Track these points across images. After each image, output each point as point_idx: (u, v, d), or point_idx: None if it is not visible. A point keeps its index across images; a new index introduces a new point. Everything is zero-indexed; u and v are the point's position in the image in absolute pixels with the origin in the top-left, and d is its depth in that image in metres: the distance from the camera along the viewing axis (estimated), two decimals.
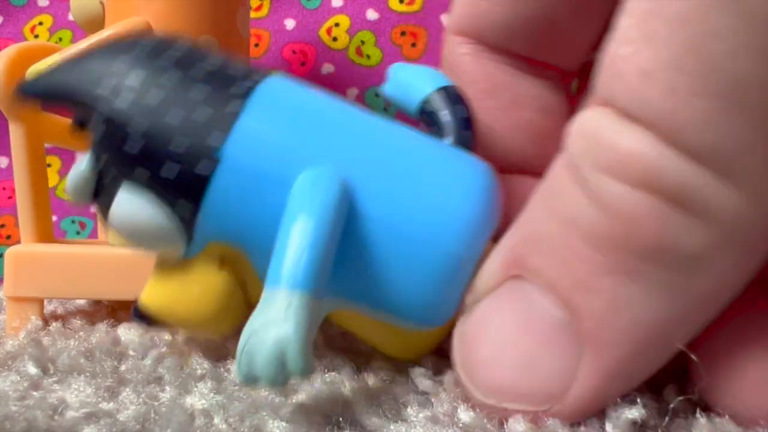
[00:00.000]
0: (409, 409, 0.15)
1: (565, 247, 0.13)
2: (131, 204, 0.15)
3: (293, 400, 0.15)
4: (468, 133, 0.18)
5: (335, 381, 0.16)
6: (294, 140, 0.15)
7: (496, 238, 0.16)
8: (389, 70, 0.20)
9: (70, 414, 0.14)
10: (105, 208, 0.16)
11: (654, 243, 0.12)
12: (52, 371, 0.17)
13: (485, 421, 0.14)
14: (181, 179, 0.15)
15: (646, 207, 0.12)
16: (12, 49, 0.24)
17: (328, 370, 0.17)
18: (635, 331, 0.13)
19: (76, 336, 0.21)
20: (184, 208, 0.15)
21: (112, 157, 0.16)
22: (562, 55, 0.20)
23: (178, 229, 0.16)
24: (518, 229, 0.15)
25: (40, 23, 0.39)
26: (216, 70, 0.16)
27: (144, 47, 0.16)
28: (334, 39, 0.38)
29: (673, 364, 0.14)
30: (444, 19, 0.37)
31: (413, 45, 0.37)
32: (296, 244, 0.14)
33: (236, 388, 0.16)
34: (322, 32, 0.38)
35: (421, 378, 0.16)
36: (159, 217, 0.15)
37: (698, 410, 0.14)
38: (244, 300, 0.17)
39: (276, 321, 0.13)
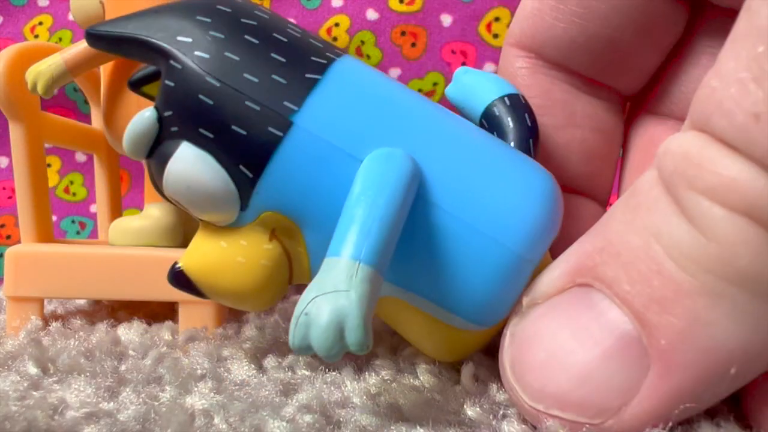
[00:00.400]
0: (411, 408, 0.15)
1: (647, 262, 0.13)
2: (190, 164, 0.15)
3: (293, 400, 0.15)
4: (531, 143, 0.18)
5: (335, 381, 0.16)
6: (368, 118, 0.15)
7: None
8: (455, 73, 0.20)
9: (70, 414, 0.14)
10: (160, 166, 0.16)
11: (748, 270, 0.12)
12: (52, 371, 0.17)
13: (491, 417, 0.14)
14: (248, 143, 0.15)
15: (746, 234, 0.12)
16: (12, 49, 0.24)
17: (329, 370, 0.17)
18: (708, 357, 0.12)
19: (76, 336, 0.21)
20: (246, 174, 0.15)
21: (179, 112, 0.15)
22: (621, 77, 0.19)
23: (236, 195, 0.15)
24: (592, 237, 0.14)
25: (40, 23, 0.39)
26: (296, 40, 0.16)
27: (226, 9, 0.16)
28: (334, 39, 0.38)
29: None
30: (444, 19, 0.37)
31: (413, 45, 0.37)
32: (365, 216, 0.13)
33: (236, 388, 0.16)
34: (322, 32, 0.38)
35: (428, 375, 0.16)
36: (217, 181, 0.15)
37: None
38: (287, 276, 0.16)
39: (337, 290, 0.13)
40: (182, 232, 0.26)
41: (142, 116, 0.16)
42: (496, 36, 0.36)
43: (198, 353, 0.19)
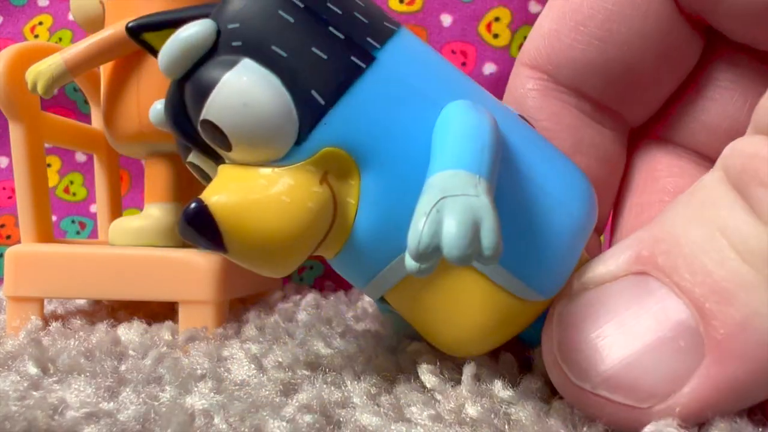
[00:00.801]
0: (412, 408, 0.15)
1: (710, 254, 0.13)
2: (249, 82, 0.14)
3: (293, 400, 0.15)
4: None
5: (336, 381, 0.16)
6: (444, 75, 0.15)
7: None
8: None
9: (70, 414, 0.14)
10: (206, 85, 0.14)
11: None
12: (52, 371, 0.17)
13: (492, 416, 0.14)
14: (327, 68, 0.14)
15: None
16: (12, 49, 0.24)
17: (329, 370, 0.17)
18: (765, 350, 0.12)
19: (76, 336, 0.21)
20: (318, 101, 0.14)
21: (251, 25, 0.14)
22: (632, 105, 0.19)
23: (296, 124, 0.14)
24: (652, 229, 0.14)
25: (40, 23, 0.39)
26: (366, 5, 0.15)
27: None
28: None
29: None
30: (445, 19, 0.37)
31: None
32: (474, 138, 0.13)
33: (236, 388, 0.16)
34: None
35: (429, 375, 0.16)
36: (280, 105, 0.14)
37: None
38: (328, 228, 0.15)
39: (468, 193, 0.12)
40: None
41: (196, 25, 0.14)
42: (496, 36, 0.36)
43: (198, 353, 0.19)
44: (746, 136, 0.13)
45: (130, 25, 0.16)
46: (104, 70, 0.26)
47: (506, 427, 0.14)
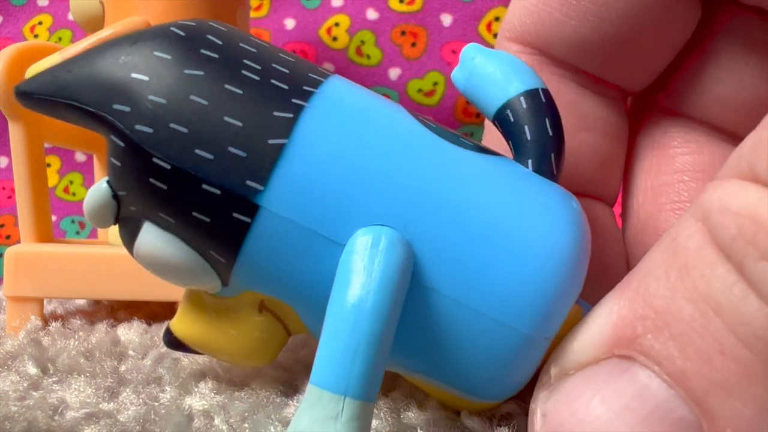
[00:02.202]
0: (409, 413, 0.15)
1: (706, 338, 0.11)
2: (158, 245, 0.13)
3: (294, 400, 0.15)
4: (554, 155, 0.15)
5: None
6: (346, 190, 0.13)
7: None
8: (463, 52, 0.16)
9: (70, 414, 0.14)
10: (128, 241, 0.14)
11: None
12: (52, 371, 0.17)
13: (486, 426, 0.14)
14: (213, 231, 0.13)
15: None
16: (11, 49, 0.24)
17: None
18: None
19: (76, 336, 0.21)
20: (218, 258, 0.13)
21: (133, 194, 0.13)
22: (630, 76, 0.18)
23: (213, 273, 0.14)
24: (630, 299, 0.12)
25: (40, 23, 0.39)
26: (254, 89, 0.13)
27: (165, 55, 0.13)
28: (334, 39, 0.38)
29: None
30: (445, 19, 0.37)
31: (413, 45, 0.37)
32: (348, 337, 0.12)
33: (236, 388, 0.16)
34: (322, 32, 0.38)
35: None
36: (191, 262, 0.14)
37: None
38: (285, 335, 0.15)
39: (326, 428, 0.11)
40: None
41: (98, 189, 0.14)
42: (496, 36, 0.36)
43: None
44: (731, 184, 0.11)
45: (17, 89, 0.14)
46: None
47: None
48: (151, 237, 0.13)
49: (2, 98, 0.24)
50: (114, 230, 0.25)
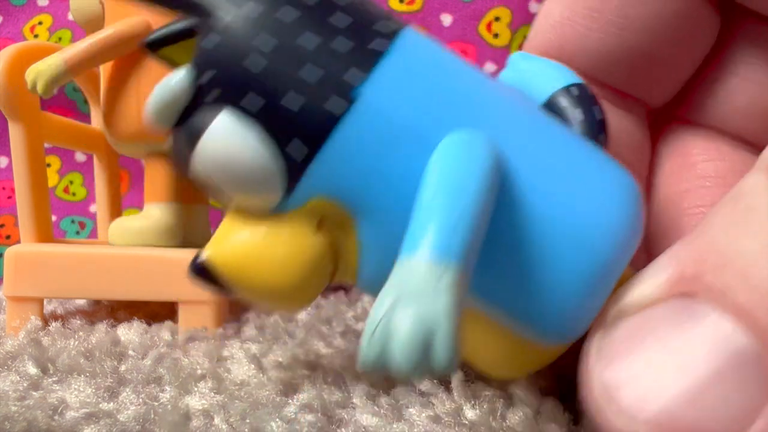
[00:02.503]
0: (411, 410, 0.15)
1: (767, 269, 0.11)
2: (230, 137, 0.13)
3: (294, 400, 0.15)
4: (602, 138, 0.15)
5: (336, 381, 0.16)
6: (442, 96, 0.13)
7: None
8: (510, 58, 0.17)
9: (70, 414, 0.14)
10: (190, 139, 0.13)
11: None
12: (51, 371, 0.17)
13: (491, 418, 0.14)
14: (304, 114, 0.13)
15: None
16: (11, 49, 0.24)
17: (329, 370, 0.17)
18: None
19: (76, 336, 0.21)
20: (298, 151, 0.13)
21: (222, 75, 0.13)
22: (653, 89, 0.18)
23: (283, 175, 0.13)
24: (695, 242, 0.13)
25: (40, 23, 0.39)
26: (357, 4, 0.14)
27: None
28: None
29: None
30: (444, 19, 0.37)
31: None
32: (449, 209, 0.11)
33: (236, 387, 0.16)
34: None
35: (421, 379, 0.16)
36: (262, 158, 0.13)
37: None
38: (331, 270, 0.14)
39: (422, 297, 0.11)
40: (182, 232, 0.26)
41: (172, 79, 0.13)
42: (496, 36, 0.36)
43: (198, 353, 0.19)
44: None
45: (146, 41, 0.15)
46: (104, 70, 0.26)
47: (503, 429, 0.14)
48: (227, 126, 0.13)
49: (2, 98, 0.24)
50: (114, 230, 0.25)
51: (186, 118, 0.13)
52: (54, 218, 0.38)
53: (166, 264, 0.23)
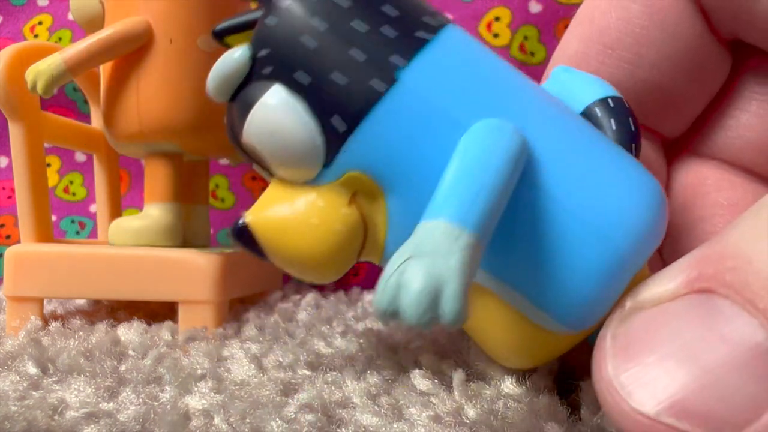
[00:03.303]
0: (411, 409, 0.15)
1: None
2: (279, 109, 0.14)
3: (294, 400, 0.15)
4: (634, 148, 0.16)
5: (336, 381, 0.16)
6: (476, 86, 0.14)
7: None
8: (553, 72, 0.18)
9: (70, 414, 0.14)
10: (243, 109, 0.15)
11: None
12: (51, 371, 0.17)
13: (491, 417, 0.14)
14: (347, 93, 0.14)
15: None
16: (11, 49, 0.24)
17: (329, 370, 0.17)
18: None
19: (76, 336, 0.21)
20: (339, 126, 0.14)
21: (277, 52, 0.14)
22: (666, 122, 0.19)
23: (322, 148, 0.14)
24: (716, 246, 0.13)
25: (40, 23, 0.39)
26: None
27: None
28: None
29: None
30: None
31: None
32: (471, 180, 0.12)
33: (236, 387, 0.16)
34: None
35: (421, 378, 0.16)
36: (304, 131, 0.14)
37: None
38: (360, 247, 0.15)
39: (437, 253, 0.12)
40: (182, 232, 0.26)
41: (233, 54, 0.15)
42: (496, 36, 0.36)
43: (198, 353, 0.19)
44: None
45: (216, 29, 0.16)
46: (104, 70, 0.26)
47: (505, 428, 0.14)
48: (277, 99, 0.14)
49: (2, 98, 0.24)
50: (114, 230, 0.25)
51: (239, 92, 0.15)
52: (54, 218, 0.38)
53: (166, 264, 0.23)
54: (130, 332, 0.21)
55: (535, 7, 0.36)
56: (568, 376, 0.17)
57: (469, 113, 0.14)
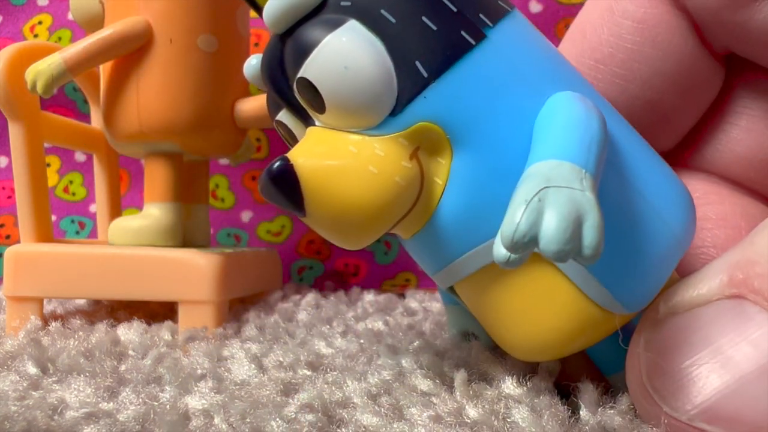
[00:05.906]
0: (412, 410, 0.15)
1: None
2: (357, 44, 0.13)
3: (294, 400, 0.15)
4: None
5: (336, 381, 0.16)
6: (552, 62, 0.14)
7: None
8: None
9: (70, 414, 0.14)
10: (308, 42, 0.13)
11: None
12: (51, 371, 0.17)
13: (492, 418, 0.14)
14: (435, 39, 0.13)
15: None
16: (11, 49, 0.24)
17: (330, 370, 0.17)
18: None
19: (76, 336, 0.21)
20: (421, 72, 0.13)
21: None
22: (658, 136, 0.19)
23: (394, 93, 0.13)
24: (743, 251, 0.13)
25: (40, 22, 0.39)
26: None
27: None
28: None
29: None
30: None
31: None
32: (583, 130, 0.12)
33: (236, 387, 0.16)
34: None
35: (422, 379, 0.16)
36: (383, 71, 0.13)
37: None
38: (411, 205, 0.14)
39: (573, 185, 0.11)
40: (182, 232, 0.26)
41: None
42: None
43: (198, 353, 0.19)
44: None
45: None
46: (104, 70, 0.26)
47: (506, 428, 0.14)
48: (353, 34, 0.13)
49: (2, 98, 0.24)
50: (114, 230, 0.25)
51: (298, 26, 0.14)
52: (54, 218, 0.38)
53: (166, 264, 0.23)
54: (130, 332, 0.21)
55: (535, 7, 0.36)
56: (567, 377, 0.17)
57: (550, 84, 0.14)
